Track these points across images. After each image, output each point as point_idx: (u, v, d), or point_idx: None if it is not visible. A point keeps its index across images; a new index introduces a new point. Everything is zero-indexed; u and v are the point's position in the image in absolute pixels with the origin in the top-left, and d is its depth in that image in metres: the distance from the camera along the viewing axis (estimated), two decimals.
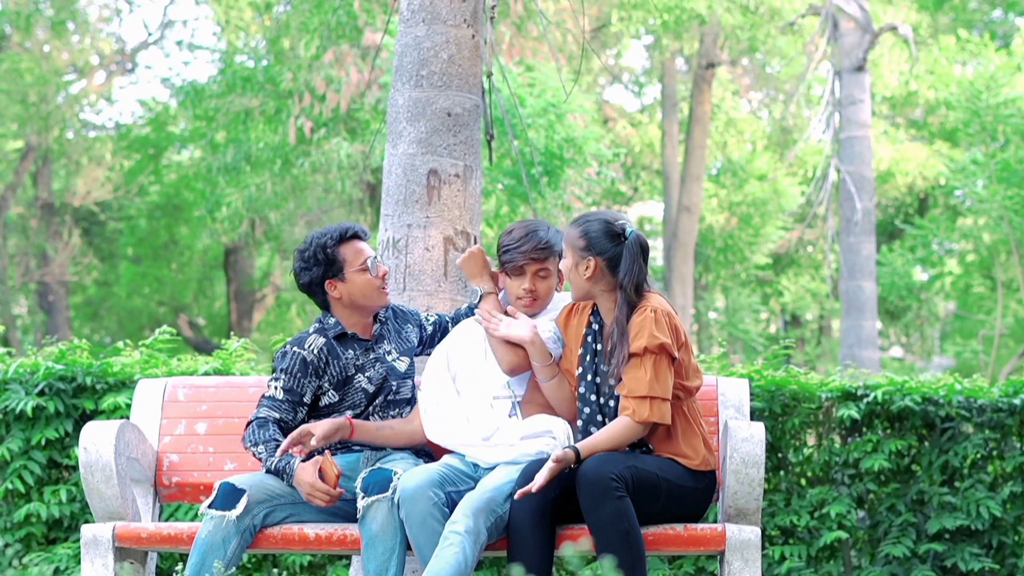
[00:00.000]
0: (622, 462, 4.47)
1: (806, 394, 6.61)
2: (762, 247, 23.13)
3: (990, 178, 16.00)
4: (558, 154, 13.21)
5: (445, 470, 4.64)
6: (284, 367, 4.86)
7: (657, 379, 4.53)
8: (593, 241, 4.65)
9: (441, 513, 4.51)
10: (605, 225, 4.67)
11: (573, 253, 4.68)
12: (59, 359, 6.61)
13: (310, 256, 4.91)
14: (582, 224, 4.70)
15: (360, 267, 4.90)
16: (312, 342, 4.90)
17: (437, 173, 5.69)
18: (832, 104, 16.29)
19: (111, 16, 24.83)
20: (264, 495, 4.68)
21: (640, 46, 26.02)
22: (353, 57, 16.46)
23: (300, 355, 4.86)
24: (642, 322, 4.56)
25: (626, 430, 4.54)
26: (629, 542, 4.38)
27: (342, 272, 4.90)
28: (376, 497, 4.57)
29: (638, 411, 4.52)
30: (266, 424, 4.79)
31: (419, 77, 5.75)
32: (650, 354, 4.53)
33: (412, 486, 4.52)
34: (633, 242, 4.65)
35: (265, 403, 4.84)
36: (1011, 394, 6.66)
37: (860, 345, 15.66)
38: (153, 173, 24.90)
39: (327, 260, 4.89)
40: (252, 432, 4.78)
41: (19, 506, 6.51)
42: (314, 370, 4.86)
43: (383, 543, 4.55)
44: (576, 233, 4.69)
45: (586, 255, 4.65)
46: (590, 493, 4.40)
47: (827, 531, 6.51)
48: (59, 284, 23.70)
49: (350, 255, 4.90)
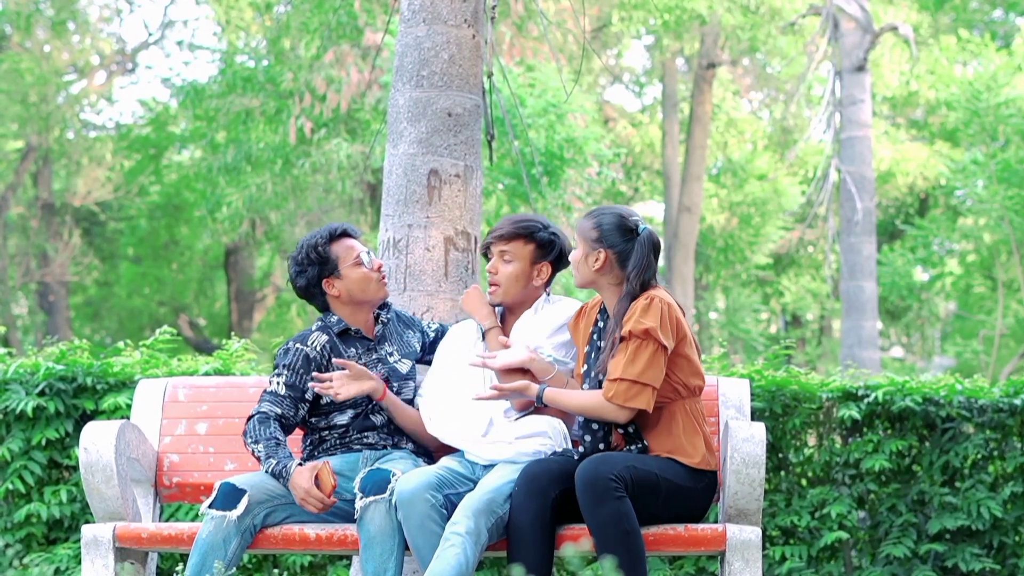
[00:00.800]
0: (621, 462, 4.46)
1: (807, 394, 6.60)
2: (762, 247, 23.13)
3: (990, 178, 16.00)
4: (558, 154, 13.21)
5: (443, 473, 4.64)
6: (286, 363, 4.86)
7: (633, 362, 4.50)
8: (606, 233, 4.66)
9: (439, 515, 4.51)
10: (619, 219, 4.67)
11: (584, 244, 4.68)
12: (59, 359, 6.61)
13: (303, 259, 4.91)
14: (596, 216, 4.70)
15: (354, 262, 4.91)
16: (315, 339, 4.90)
17: (437, 173, 5.69)
18: (833, 104, 16.29)
19: (111, 16, 24.84)
20: (264, 495, 4.68)
21: (641, 46, 26.03)
22: (353, 57, 16.46)
23: (303, 351, 4.86)
24: (633, 308, 4.56)
25: (594, 401, 4.53)
26: (629, 542, 4.38)
27: (337, 269, 4.90)
28: (374, 498, 4.56)
29: (607, 389, 4.52)
30: (267, 420, 4.77)
31: (420, 77, 5.74)
32: (634, 338, 4.51)
33: (409, 489, 4.52)
34: (645, 239, 4.66)
35: (267, 398, 4.83)
36: (1012, 394, 6.65)
37: (861, 345, 15.65)
38: (153, 173, 24.91)
39: (320, 259, 4.90)
40: (253, 428, 4.77)
41: (19, 506, 6.50)
42: (316, 367, 4.86)
43: (381, 544, 4.55)
44: (589, 224, 4.69)
45: (597, 247, 4.66)
46: (589, 494, 4.40)
47: (828, 531, 6.50)
48: (59, 284, 23.70)
49: (342, 252, 4.91)
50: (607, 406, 4.52)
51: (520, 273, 4.88)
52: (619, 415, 4.53)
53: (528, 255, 4.88)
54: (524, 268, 4.87)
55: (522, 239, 4.86)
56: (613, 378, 4.51)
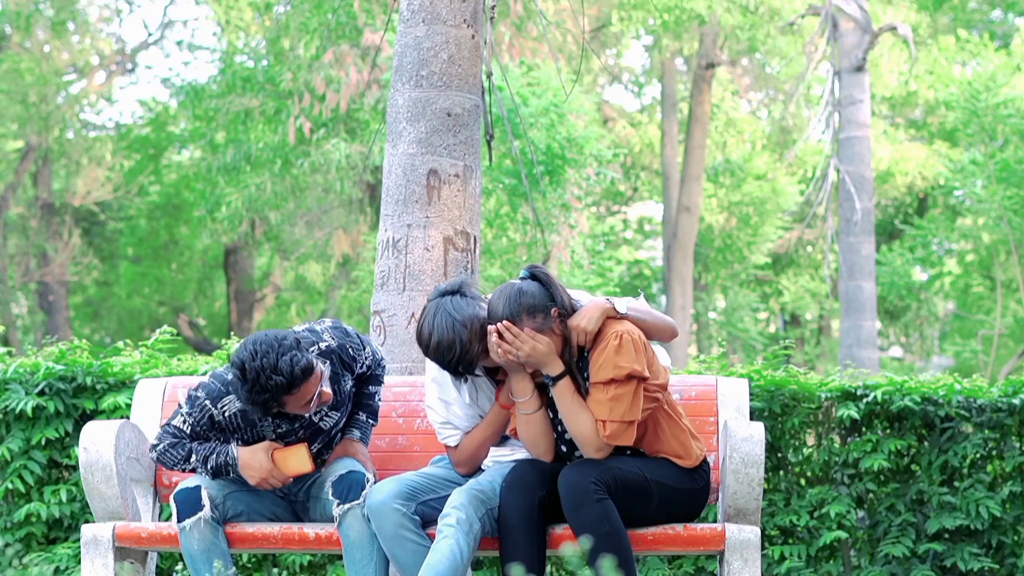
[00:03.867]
0: (601, 465, 4.47)
1: (806, 394, 6.61)
2: (761, 247, 23.13)
3: (989, 178, 16.02)
4: (558, 154, 13.23)
5: (418, 479, 4.61)
6: (193, 413, 4.65)
7: (619, 402, 4.44)
8: (537, 304, 4.48)
9: (412, 523, 4.51)
10: (519, 293, 4.48)
11: (541, 327, 4.46)
12: (59, 359, 6.61)
13: (255, 392, 4.45)
14: (508, 308, 4.45)
15: (303, 405, 4.52)
16: (227, 404, 4.63)
17: (437, 173, 5.70)
18: (832, 104, 16.29)
19: (111, 16, 24.85)
20: (213, 484, 4.69)
21: (640, 46, 26.03)
22: (353, 57, 16.47)
23: (209, 412, 4.63)
24: (604, 349, 4.47)
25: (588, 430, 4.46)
26: (613, 543, 4.38)
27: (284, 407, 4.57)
28: (350, 505, 4.56)
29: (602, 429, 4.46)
30: (179, 442, 4.67)
31: (419, 77, 5.75)
32: (615, 383, 4.46)
33: (379, 500, 4.51)
34: (543, 274, 4.55)
35: (170, 431, 4.68)
36: (1010, 394, 6.66)
37: (859, 345, 15.66)
38: (153, 173, 24.92)
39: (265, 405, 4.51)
40: (169, 454, 4.66)
41: (19, 506, 6.51)
42: (221, 429, 4.68)
43: (360, 550, 4.57)
44: (524, 313, 4.45)
45: (548, 314, 4.48)
46: (570, 498, 4.41)
47: (827, 531, 6.51)
48: (59, 284, 23.71)
49: (292, 403, 4.52)
50: (599, 440, 4.48)
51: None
52: (601, 454, 4.50)
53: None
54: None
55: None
56: (602, 419, 4.47)
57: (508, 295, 4.46)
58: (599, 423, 4.47)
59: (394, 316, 5.70)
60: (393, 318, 5.70)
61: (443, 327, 4.40)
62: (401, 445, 5.07)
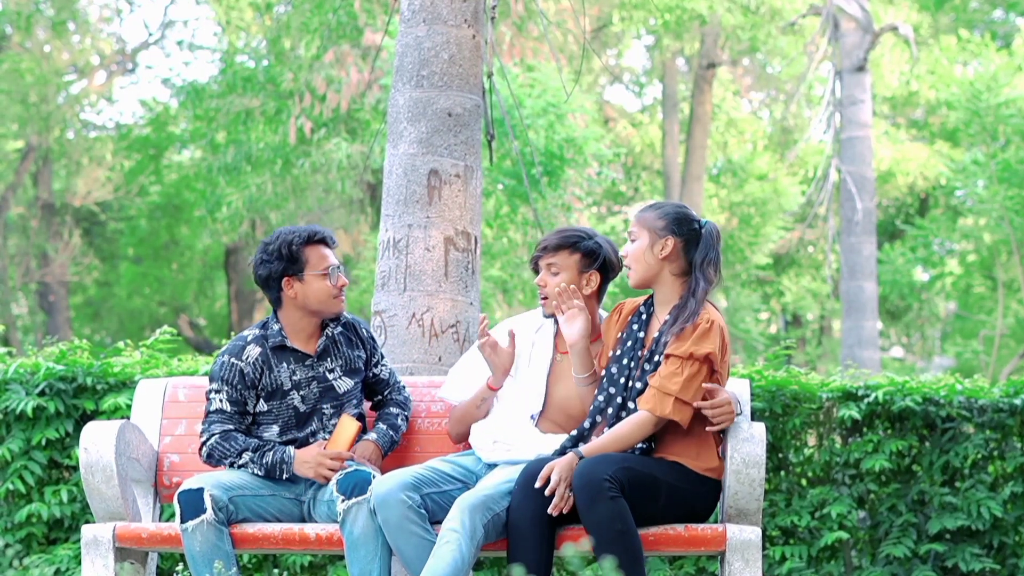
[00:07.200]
0: (616, 463, 4.47)
1: (807, 394, 6.60)
2: (762, 247, 23.12)
3: (991, 178, 16.01)
4: (558, 154, 13.22)
5: (424, 472, 4.64)
6: (224, 378, 4.82)
7: (690, 383, 4.54)
8: (672, 221, 4.67)
9: (418, 515, 4.52)
10: (684, 210, 4.72)
11: (649, 233, 4.67)
12: (59, 359, 6.61)
13: (274, 250, 4.85)
14: (658, 208, 4.72)
15: (321, 272, 4.83)
16: (249, 352, 4.86)
17: (438, 173, 5.69)
18: (833, 104, 16.29)
19: (111, 16, 24.84)
20: (218, 485, 4.68)
21: (641, 46, 26.03)
22: (353, 57, 16.47)
23: (238, 367, 4.82)
24: (696, 328, 4.58)
25: (636, 428, 4.55)
26: (625, 542, 4.38)
27: (302, 272, 4.84)
28: (355, 500, 4.57)
29: (659, 406, 4.53)
30: (229, 435, 4.79)
31: (420, 77, 5.75)
32: (694, 360, 4.55)
33: (385, 490, 4.53)
34: (712, 229, 4.69)
35: (215, 418, 4.82)
36: (1012, 394, 6.65)
37: (861, 345, 15.66)
38: (153, 173, 24.91)
39: (290, 257, 4.83)
40: (221, 448, 4.78)
41: (20, 506, 6.50)
42: (251, 382, 4.83)
43: (365, 547, 4.56)
44: (654, 215, 4.70)
45: (665, 234, 4.66)
46: (585, 494, 4.41)
47: (828, 531, 6.50)
48: (59, 284, 23.71)
49: (314, 258, 4.85)
50: (651, 422, 4.55)
51: (566, 282, 4.82)
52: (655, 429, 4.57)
53: (574, 265, 4.82)
54: (572, 278, 4.81)
55: (566, 250, 4.82)
56: (668, 391, 4.53)
57: (679, 206, 4.74)
58: (663, 395, 4.53)
59: (395, 316, 5.69)
60: (394, 318, 5.69)
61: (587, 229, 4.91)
62: (401, 445, 5.07)
